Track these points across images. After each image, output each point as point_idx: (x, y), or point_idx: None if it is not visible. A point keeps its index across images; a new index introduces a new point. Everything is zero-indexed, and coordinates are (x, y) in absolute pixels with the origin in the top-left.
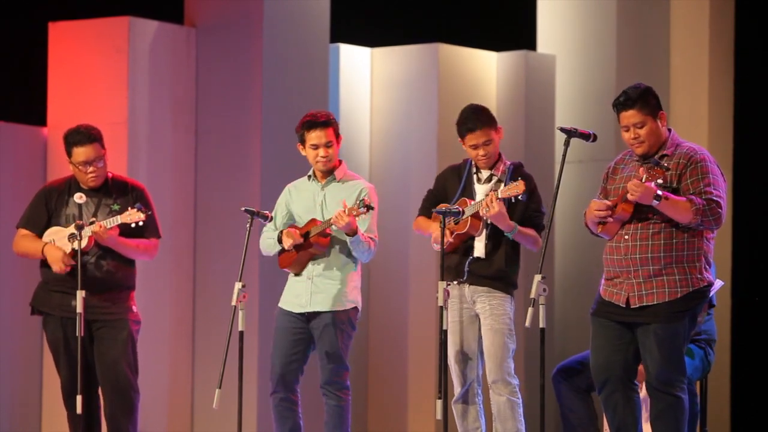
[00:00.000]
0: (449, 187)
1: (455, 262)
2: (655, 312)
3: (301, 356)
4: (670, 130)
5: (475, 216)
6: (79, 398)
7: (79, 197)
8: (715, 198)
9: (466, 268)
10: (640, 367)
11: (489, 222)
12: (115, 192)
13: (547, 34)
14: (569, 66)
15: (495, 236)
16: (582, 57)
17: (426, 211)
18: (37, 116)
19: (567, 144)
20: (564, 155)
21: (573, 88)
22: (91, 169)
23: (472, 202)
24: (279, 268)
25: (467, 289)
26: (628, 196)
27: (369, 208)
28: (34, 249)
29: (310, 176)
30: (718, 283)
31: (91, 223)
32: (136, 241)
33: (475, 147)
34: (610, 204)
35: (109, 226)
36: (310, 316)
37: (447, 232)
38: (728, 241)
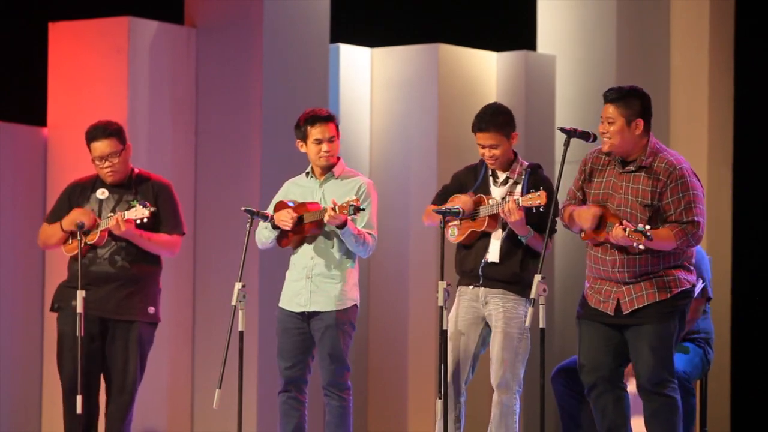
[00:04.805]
0: (464, 184)
1: (470, 267)
2: (645, 314)
3: (306, 356)
4: (649, 137)
5: (493, 216)
6: (79, 398)
7: (101, 193)
8: (695, 219)
9: (480, 272)
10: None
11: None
12: (136, 188)
13: (547, 34)
14: (569, 66)
15: (511, 239)
16: (582, 57)
17: (438, 203)
18: (37, 116)
19: (567, 144)
20: (564, 155)
21: (573, 88)
22: (106, 164)
23: (490, 199)
24: (281, 247)
25: (481, 290)
26: (612, 240)
27: (358, 210)
28: (54, 229)
29: (308, 173)
30: (700, 283)
31: (108, 217)
32: (156, 235)
33: (482, 147)
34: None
35: (124, 217)
36: (309, 316)
37: (463, 229)
38: (728, 240)
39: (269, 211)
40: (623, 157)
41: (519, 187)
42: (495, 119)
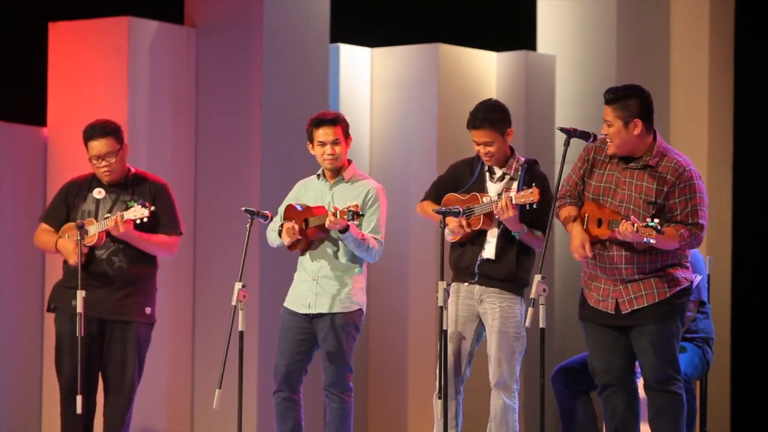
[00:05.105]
0: (460, 178)
1: (465, 264)
2: (646, 314)
3: (305, 356)
4: (655, 136)
5: (487, 215)
6: (79, 398)
7: (98, 192)
8: (700, 221)
9: (476, 270)
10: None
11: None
12: (133, 188)
13: (547, 34)
14: (569, 66)
15: (506, 236)
16: (582, 57)
17: (433, 195)
18: (37, 116)
19: (567, 144)
20: (564, 155)
21: (573, 88)
22: (103, 163)
23: (485, 198)
24: (290, 251)
25: (477, 287)
26: (618, 236)
27: (356, 215)
28: (49, 243)
29: (319, 175)
30: (697, 278)
31: (106, 218)
32: (153, 236)
33: (477, 144)
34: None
35: (124, 218)
36: (314, 317)
37: (461, 225)
38: (728, 240)
39: (279, 213)
40: (629, 155)
41: (515, 183)
42: (489, 116)
